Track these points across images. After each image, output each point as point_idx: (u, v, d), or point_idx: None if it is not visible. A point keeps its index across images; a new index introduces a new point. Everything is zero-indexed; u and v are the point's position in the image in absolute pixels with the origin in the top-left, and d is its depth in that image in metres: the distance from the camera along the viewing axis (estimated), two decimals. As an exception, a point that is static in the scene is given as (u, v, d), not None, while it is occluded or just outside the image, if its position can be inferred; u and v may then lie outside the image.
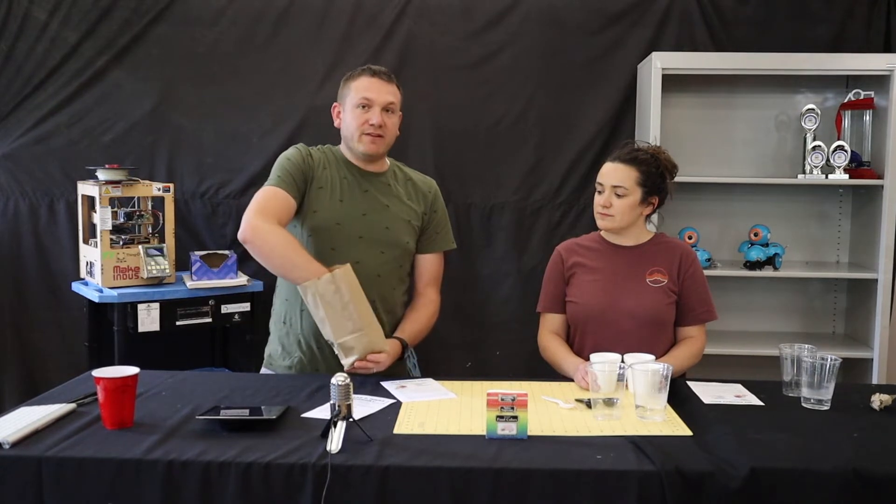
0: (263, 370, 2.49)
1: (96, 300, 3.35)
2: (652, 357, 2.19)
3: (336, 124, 2.44)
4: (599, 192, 2.43)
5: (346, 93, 2.39)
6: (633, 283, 2.40)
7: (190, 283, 3.41)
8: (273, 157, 2.47)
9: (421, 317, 2.46)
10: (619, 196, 2.38)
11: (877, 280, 3.49)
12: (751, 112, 3.84)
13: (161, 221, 3.47)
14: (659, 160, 2.42)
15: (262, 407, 1.94)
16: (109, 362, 3.19)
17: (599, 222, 2.44)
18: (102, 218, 3.32)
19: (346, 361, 2.18)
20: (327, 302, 2.15)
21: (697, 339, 2.42)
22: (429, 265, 2.53)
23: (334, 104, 2.45)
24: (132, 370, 1.85)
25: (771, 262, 3.60)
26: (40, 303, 3.84)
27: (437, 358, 3.56)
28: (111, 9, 3.75)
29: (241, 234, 2.26)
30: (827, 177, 3.51)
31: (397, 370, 2.34)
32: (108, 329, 3.40)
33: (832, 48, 3.70)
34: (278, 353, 2.45)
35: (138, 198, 3.45)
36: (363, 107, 2.34)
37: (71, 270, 3.74)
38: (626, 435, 1.81)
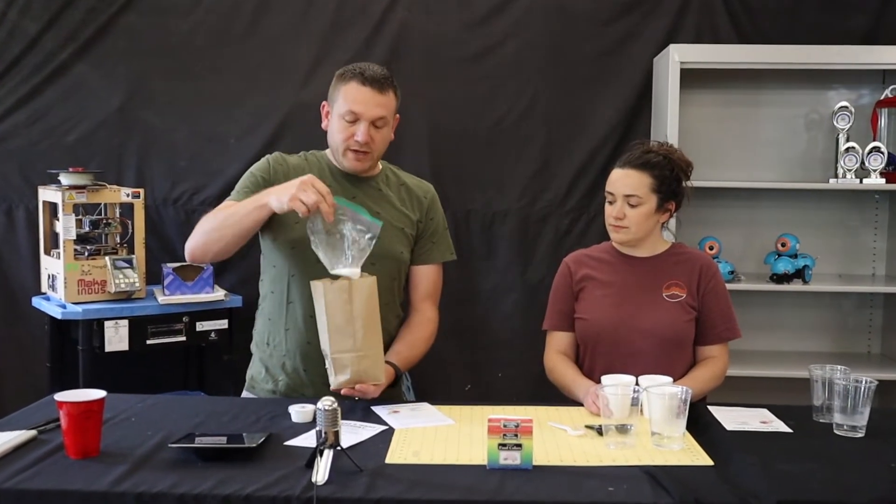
0: (245, 394, 2.50)
1: (59, 317, 3.35)
2: (669, 379, 2.19)
3: (323, 125, 2.43)
4: (610, 203, 2.42)
5: (336, 96, 2.37)
6: (648, 298, 2.40)
7: (161, 298, 3.42)
8: (253, 159, 2.48)
9: (417, 339, 2.45)
10: (632, 206, 2.37)
11: (916, 294, 3.52)
12: (778, 110, 3.86)
13: (130, 230, 3.47)
14: (672, 161, 2.41)
15: (242, 434, 1.94)
16: (73, 385, 3.19)
17: (613, 235, 2.44)
18: (66, 226, 3.32)
19: (334, 380, 2.16)
20: (332, 311, 2.13)
21: (719, 359, 2.42)
22: (424, 278, 2.52)
23: (323, 102, 2.44)
24: (98, 394, 1.85)
25: (800, 274, 3.60)
26: (-4, 319, 3.84)
27: (434, 380, 3.56)
28: (76, -3, 3.77)
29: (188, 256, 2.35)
30: (861, 181, 3.53)
31: (390, 393, 2.34)
32: (71, 348, 3.40)
33: (868, 40, 3.73)
34: (261, 376, 2.45)
35: (105, 204, 3.47)
36: (350, 120, 2.34)
37: (31, 284, 3.74)
38: (641, 465, 1.81)
